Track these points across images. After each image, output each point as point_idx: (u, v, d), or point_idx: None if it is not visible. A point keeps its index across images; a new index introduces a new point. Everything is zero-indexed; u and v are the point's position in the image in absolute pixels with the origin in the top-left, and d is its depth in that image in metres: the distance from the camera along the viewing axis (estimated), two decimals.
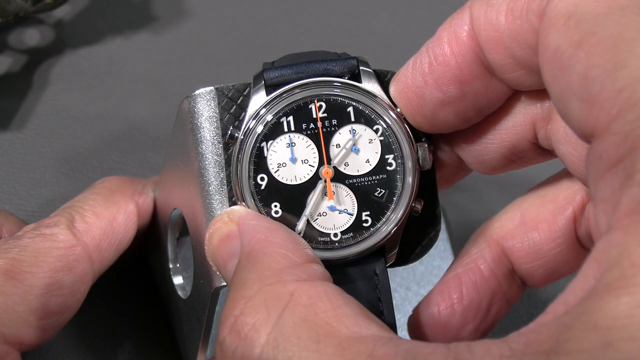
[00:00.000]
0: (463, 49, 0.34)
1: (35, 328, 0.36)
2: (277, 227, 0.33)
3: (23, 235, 0.39)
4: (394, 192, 0.37)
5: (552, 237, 0.38)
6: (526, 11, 0.32)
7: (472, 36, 0.34)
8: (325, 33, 0.62)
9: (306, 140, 0.36)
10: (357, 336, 0.27)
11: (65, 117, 0.54)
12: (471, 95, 0.35)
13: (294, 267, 0.30)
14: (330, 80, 0.36)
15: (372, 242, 0.36)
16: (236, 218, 0.34)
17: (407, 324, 0.39)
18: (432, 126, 0.36)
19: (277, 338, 0.28)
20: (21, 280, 0.36)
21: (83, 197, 0.42)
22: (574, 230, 0.38)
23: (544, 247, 0.38)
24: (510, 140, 0.37)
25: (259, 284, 0.30)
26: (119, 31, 0.59)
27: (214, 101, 0.36)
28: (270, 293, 0.29)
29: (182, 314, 0.42)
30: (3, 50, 0.57)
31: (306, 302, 0.28)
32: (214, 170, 0.36)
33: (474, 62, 0.34)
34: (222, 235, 0.34)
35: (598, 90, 0.27)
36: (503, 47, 0.33)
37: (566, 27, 0.29)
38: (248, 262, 0.31)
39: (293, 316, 0.28)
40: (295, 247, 0.32)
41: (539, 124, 0.36)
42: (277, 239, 0.32)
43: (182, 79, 0.57)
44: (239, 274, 0.31)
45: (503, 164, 0.38)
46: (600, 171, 0.27)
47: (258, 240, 0.32)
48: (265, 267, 0.30)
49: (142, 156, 0.53)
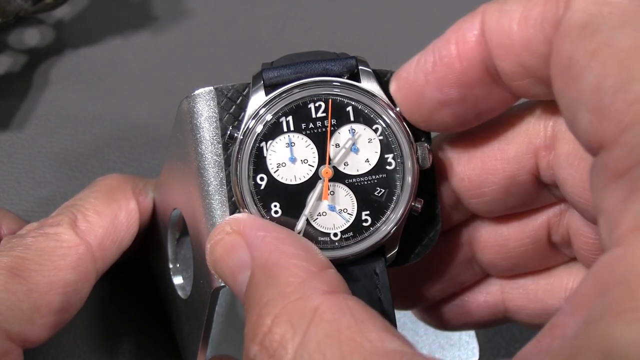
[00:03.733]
0: (470, 53, 0.34)
1: (38, 325, 0.37)
2: (287, 236, 0.33)
3: (26, 234, 0.39)
4: (394, 192, 0.37)
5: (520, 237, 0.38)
6: (541, 20, 0.31)
7: (481, 41, 0.33)
8: (325, 33, 0.62)
9: (306, 140, 0.36)
10: (381, 351, 0.27)
11: (65, 117, 0.54)
12: (471, 99, 0.35)
13: (313, 278, 0.30)
14: (330, 80, 0.36)
15: (372, 241, 0.36)
16: (240, 228, 0.33)
17: None
18: (428, 125, 0.36)
19: (303, 355, 0.28)
20: (25, 278, 0.37)
21: (84, 196, 0.42)
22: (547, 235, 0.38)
23: (509, 243, 0.38)
24: (511, 170, 0.36)
25: (282, 301, 0.30)
26: (119, 31, 0.59)
27: (213, 101, 0.36)
28: (295, 310, 0.29)
29: (182, 314, 0.42)
30: (3, 50, 0.57)
31: (330, 317, 0.28)
32: (213, 170, 0.36)
33: (479, 67, 0.34)
34: (226, 246, 0.33)
35: (609, 101, 0.27)
36: (514, 54, 0.32)
37: (581, 37, 0.29)
38: (264, 276, 0.31)
39: (317, 333, 0.28)
40: (308, 256, 0.32)
41: (541, 152, 0.36)
42: (289, 249, 0.32)
43: (182, 79, 0.57)
44: (257, 289, 0.31)
45: (502, 197, 0.37)
46: (604, 181, 0.27)
47: (270, 252, 0.32)
48: (285, 283, 0.30)
49: (142, 156, 0.53)
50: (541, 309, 0.40)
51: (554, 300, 0.39)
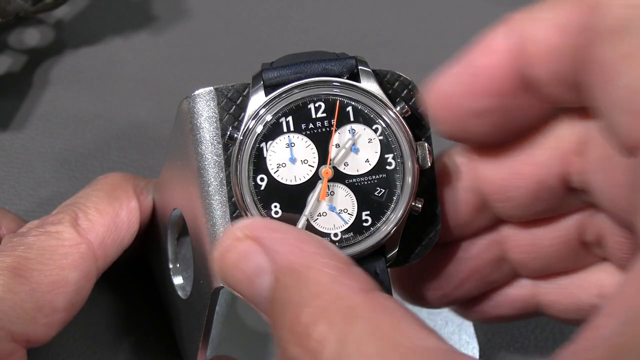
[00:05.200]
0: (503, 62, 0.34)
1: (41, 325, 0.37)
2: (305, 235, 0.33)
3: (28, 232, 0.39)
4: (394, 192, 0.37)
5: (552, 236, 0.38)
6: (573, 26, 0.31)
7: (513, 50, 0.33)
8: (324, 33, 0.62)
9: (305, 141, 0.36)
10: (421, 349, 0.27)
11: (65, 117, 0.54)
12: (505, 109, 0.35)
13: (343, 275, 0.30)
14: (329, 80, 0.36)
15: (372, 241, 0.36)
16: (252, 232, 0.33)
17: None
18: (463, 137, 0.36)
19: (343, 353, 0.28)
20: (28, 277, 0.37)
21: (85, 194, 0.42)
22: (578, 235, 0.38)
23: (541, 243, 0.38)
24: (540, 174, 0.36)
25: (316, 301, 0.29)
26: (119, 31, 0.59)
27: (213, 101, 0.36)
28: (332, 308, 0.29)
29: (182, 314, 0.42)
30: (3, 50, 0.57)
31: (368, 315, 0.28)
32: (213, 170, 0.36)
33: (513, 76, 0.34)
34: (239, 253, 0.32)
35: None
36: (548, 61, 0.33)
37: (616, 41, 0.29)
38: (291, 278, 0.31)
39: (357, 331, 0.28)
40: (330, 253, 0.31)
41: (571, 158, 0.36)
42: (311, 248, 0.31)
43: (182, 79, 0.57)
44: (286, 291, 0.31)
45: (530, 202, 0.37)
46: None
47: (293, 253, 0.31)
48: (315, 282, 0.30)
49: (142, 156, 0.53)
50: (574, 304, 0.39)
51: (587, 295, 0.39)
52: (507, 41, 0.34)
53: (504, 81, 0.34)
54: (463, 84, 0.35)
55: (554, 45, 0.32)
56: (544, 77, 0.33)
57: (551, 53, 0.32)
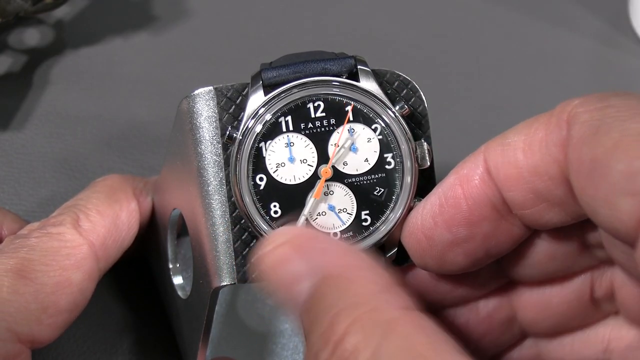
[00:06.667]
0: (475, 192, 0.34)
1: (46, 326, 0.37)
2: (347, 248, 0.33)
3: (29, 234, 0.39)
4: (393, 191, 0.37)
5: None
6: (546, 143, 0.32)
7: (484, 179, 0.34)
8: (324, 33, 0.62)
9: (305, 140, 0.36)
10: None
11: (65, 117, 0.54)
12: (480, 236, 0.35)
13: (385, 291, 0.30)
14: (329, 79, 0.36)
15: (371, 241, 0.36)
16: (294, 240, 0.33)
17: None
18: (441, 267, 0.36)
19: None
20: (32, 279, 0.37)
21: (86, 196, 0.42)
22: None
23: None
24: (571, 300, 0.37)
25: (354, 311, 0.29)
26: (119, 31, 0.59)
27: (213, 101, 0.36)
28: (368, 320, 0.29)
29: (182, 314, 0.43)
30: (3, 50, 0.57)
31: (403, 332, 0.28)
32: (213, 170, 0.36)
33: (485, 204, 0.34)
34: (278, 257, 0.32)
35: None
36: (523, 182, 0.33)
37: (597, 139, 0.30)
38: (332, 287, 0.31)
39: (391, 346, 0.28)
40: (372, 267, 0.31)
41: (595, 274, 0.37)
42: (354, 262, 0.32)
43: (182, 79, 0.57)
44: (324, 299, 0.31)
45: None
46: None
47: (335, 265, 0.31)
48: (355, 294, 0.30)
49: (141, 156, 0.53)
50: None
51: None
52: (477, 170, 0.34)
53: (476, 210, 0.34)
54: (436, 216, 0.35)
55: (527, 165, 0.33)
56: (519, 199, 0.34)
57: (523, 174, 0.33)
